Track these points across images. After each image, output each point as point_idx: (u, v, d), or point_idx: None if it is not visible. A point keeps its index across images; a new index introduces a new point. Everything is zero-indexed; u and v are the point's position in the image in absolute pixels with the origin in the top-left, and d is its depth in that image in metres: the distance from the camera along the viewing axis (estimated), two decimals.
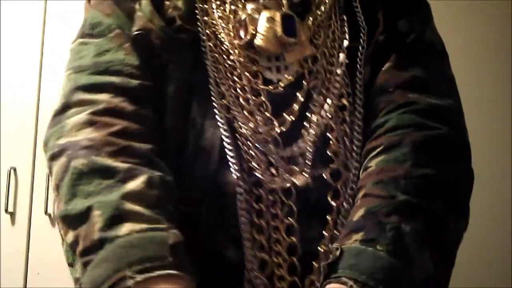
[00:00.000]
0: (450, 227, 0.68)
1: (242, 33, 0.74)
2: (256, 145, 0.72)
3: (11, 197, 2.06)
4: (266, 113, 0.73)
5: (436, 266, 0.65)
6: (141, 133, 0.69)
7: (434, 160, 0.69)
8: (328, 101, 0.74)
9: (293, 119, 0.73)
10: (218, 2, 0.77)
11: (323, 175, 0.72)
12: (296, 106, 0.74)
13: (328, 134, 0.73)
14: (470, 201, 0.73)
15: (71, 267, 0.64)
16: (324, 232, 0.70)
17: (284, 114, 0.73)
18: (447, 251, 0.68)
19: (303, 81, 0.75)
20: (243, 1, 0.77)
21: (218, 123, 0.72)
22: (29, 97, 2.10)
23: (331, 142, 0.73)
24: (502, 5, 2.24)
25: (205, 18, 0.76)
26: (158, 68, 0.75)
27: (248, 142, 0.72)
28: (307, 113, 0.74)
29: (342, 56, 0.76)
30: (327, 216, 0.71)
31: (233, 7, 0.77)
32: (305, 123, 0.74)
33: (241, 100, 0.73)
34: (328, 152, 0.73)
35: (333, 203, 0.71)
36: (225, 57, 0.75)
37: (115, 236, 0.59)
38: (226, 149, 0.71)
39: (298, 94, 0.74)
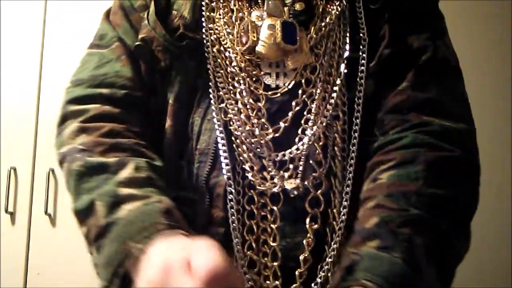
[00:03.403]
0: (456, 247, 0.70)
1: (244, 39, 0.77)
2: (250, 148, 0.74)
3: (11, 197, 2.06)
4: (262, 118, 0.75)
5: (440, 283, 0.68)
6: (128, 130, 0.77)
7: (445, 181, 0.71)
8: (323, 110, 0.75)
9: (287, 125, 0.75)
10: (226, 10, 0.80)
11: (307, 182, 0.73)
12: (291, 114, 0.75)
13: (315, 143, 0.75)
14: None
15: (92, 255, 0.71)
16: (304, 240, 0.72)
17: (279, 121, 0.75)
18: (450, 270, 0.70)
19: (300, 90, 0.76)
20: (249, 9, 0.79)
21: (215, 125, 0.74)
22: (29, 97, 2.11)
23: (317, 151, 0.74)
24: (502, 5, 2.25)
25: (210, 25, 0.80)
26: (162, 72, 0.80)
27: (243, 145, 0.74)
28: (302, 121, 0.75)
29: (342, 66, 0.77)
30: (307, 224, 0.72)
31: (240, 14, 0.79)
32: (299, 131, 0.75)
33: (239, 104, 0.75)
34: (314, 160, 0.74)
35: (311, 211, 0.73)
36: (227, 63, 0.77)
37: (116, 219, 0.67)
38: (220, 151, 0.74)
39: (293, 102, 0.75)
